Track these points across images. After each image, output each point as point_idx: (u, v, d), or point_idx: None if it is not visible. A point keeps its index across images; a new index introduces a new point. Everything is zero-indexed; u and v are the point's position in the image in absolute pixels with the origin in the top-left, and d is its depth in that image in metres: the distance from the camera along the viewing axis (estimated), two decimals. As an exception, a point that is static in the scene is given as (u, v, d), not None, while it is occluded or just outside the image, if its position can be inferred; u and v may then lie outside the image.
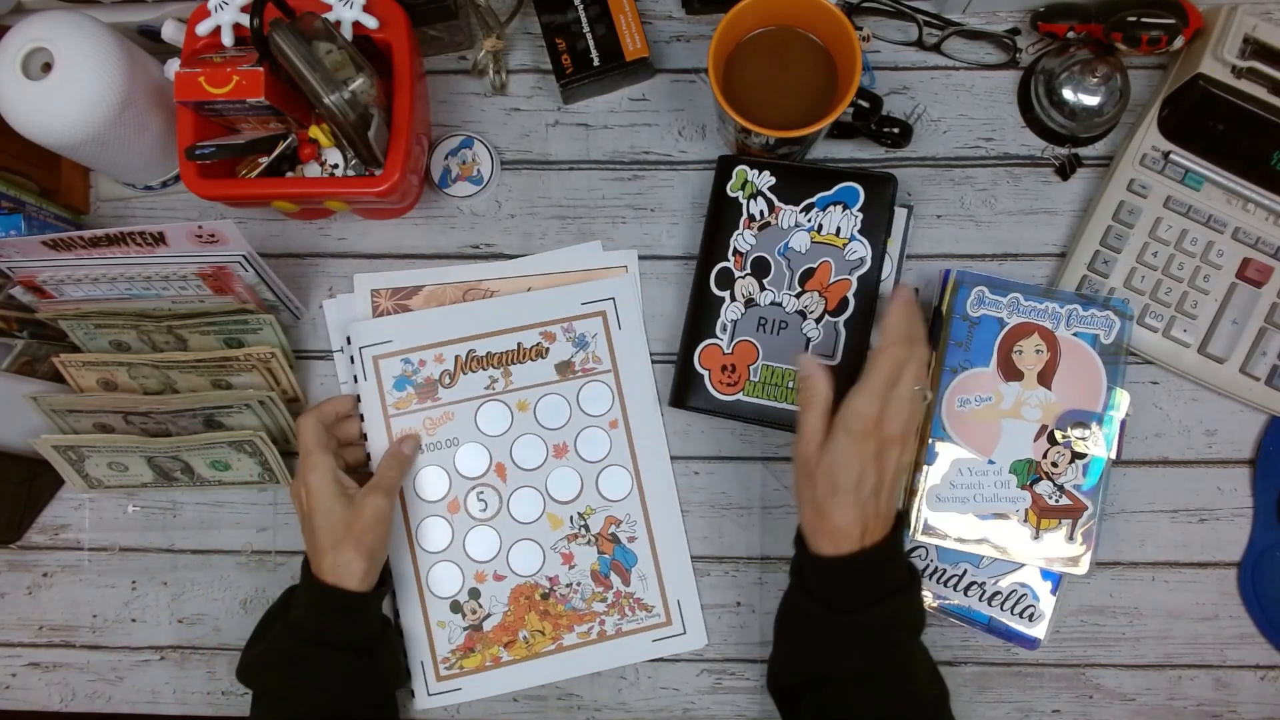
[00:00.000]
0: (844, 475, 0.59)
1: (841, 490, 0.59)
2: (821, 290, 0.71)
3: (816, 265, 0.72)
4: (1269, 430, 0.74)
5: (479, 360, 0.74)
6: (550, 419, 0.75)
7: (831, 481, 0.59)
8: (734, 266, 0.72)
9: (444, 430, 0.74)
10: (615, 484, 0.74)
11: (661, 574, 0.74)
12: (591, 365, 0.75)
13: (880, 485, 0.59)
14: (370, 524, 0.66)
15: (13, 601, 0.77)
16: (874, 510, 0.59)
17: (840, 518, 0.59)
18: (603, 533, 0.74)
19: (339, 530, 0.65)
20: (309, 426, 0.68)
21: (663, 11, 0.79)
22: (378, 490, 0.68)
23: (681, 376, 0.73)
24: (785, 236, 0.72)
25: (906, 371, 0.60)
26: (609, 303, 0.75)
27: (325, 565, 0.65)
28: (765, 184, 0.72)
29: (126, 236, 0.65)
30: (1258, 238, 0.72)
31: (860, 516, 0.59)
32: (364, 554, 0.65)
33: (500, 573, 0.74)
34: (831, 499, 0.59)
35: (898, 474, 0.60)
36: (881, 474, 0.59)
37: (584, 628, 0.73)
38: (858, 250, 0.71)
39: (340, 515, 0.65)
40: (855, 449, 0.59)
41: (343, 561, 0.65)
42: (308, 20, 0.64)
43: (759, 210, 0.72)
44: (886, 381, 0.60)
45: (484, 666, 0.73)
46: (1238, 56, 0.68)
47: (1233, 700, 0.73)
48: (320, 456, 0.67)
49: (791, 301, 0.72)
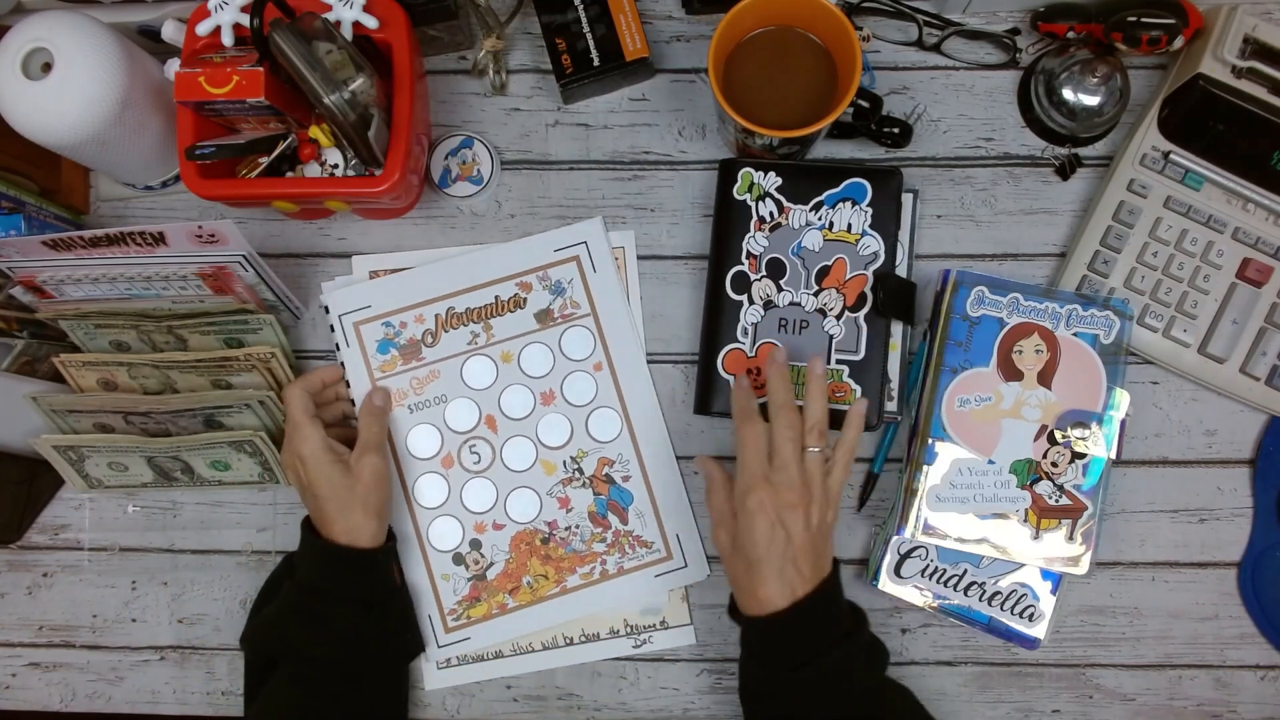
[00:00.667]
0: (752, 550, 0.60)
1: (755, 564, 0.60)
2: (839, 287, 0.72)
3: (831, 262, 0.72)
4: (1269, 430, 0.74)
5: (459, 316, 0.75)
6: (535, 367, 0.76)
7: (745, 558, 0.61)
8: (749, 269, 0.72)
9: (431, 388, 0.75)
10: (605, 426, 0.75)
11: (659, 510, 0.75)
12: (570, 310, 0.76)
13: (794, 551, 0.60)
14: (372, 485, 0.67)
15: (13, 601, 0.77)
16: (795, 573, 0.60)
17: (762, 589, 0.60)
18: (597, 474, 0.75)
19: (343, 496, 0.66)
20: (296, 397, 0.69)
21: (663, 11, 0.79)
22: (369, 450, 0.69)
23: (704, 383, 0.73)
24: (798, 236, 0.72)
25: (780, 440, 0.62)
26: (580, 247, 0.76)
27: (337, 530, 0.66)
28: (772, 185, 0.72)
29: (126, 236, 0.65)
30: (1258, 238, 0.72)
31: (781, 582, 0.60)
32: (372, 514, 0.67)
33: (499, 522, 0.75)
34: (749, 574, 0.61)
35: (815, 535, 0.61)
36: (788, 541, 0.60)
37: (586, 569, 0.74)
38: (871, 245, 0.72)
39: (341, 481, 0.67)
40: (752, 525, 0.60)
41: (354, 525, 0.66)
42: (308, 20, 0.64)
43: (768, 212, 0.72)
44: (755, 458, 0.62)
45: (490, 614, 0.74)
46: (1238, 56, 0.68)
47: (1233, 700, 0.73)
48: (310, 427, 0.68)
49: (810, 300, 0.72)
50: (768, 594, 0.60)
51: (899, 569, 0.72)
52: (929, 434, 0.71)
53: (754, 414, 0.64)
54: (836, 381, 0.71)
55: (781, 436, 0.62)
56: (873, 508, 0.75)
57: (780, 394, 0.64)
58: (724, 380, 0.72)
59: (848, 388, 0.71)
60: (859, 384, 0.71)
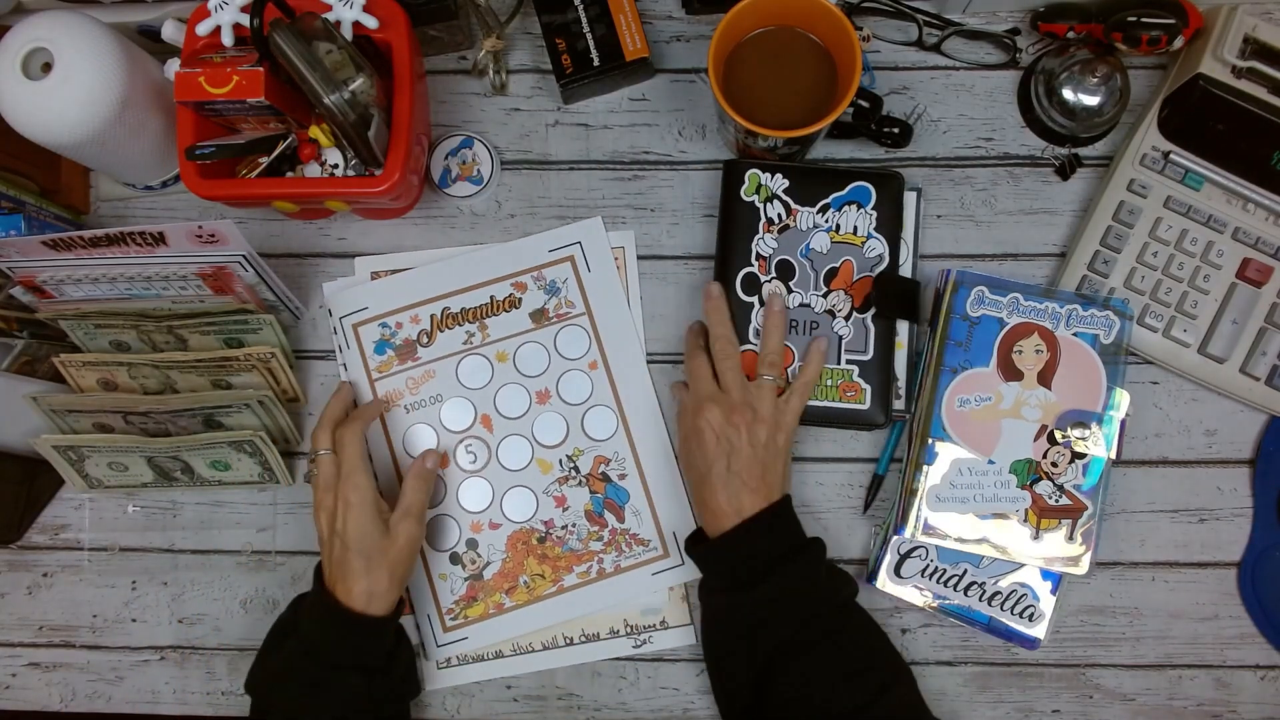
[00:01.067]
0: (702, 462, 0.66)
1: (704, 477, 0.65)
2: (847, 288, 0.72)
3: (839, 264, 0.72)
4: (1269, 430, 0.74)
5: (454, 317, 0.76)
6: (530, 366, 0.76)
7: (697, 472, 0.67)
8: (759, 271, 0.72)
9: (427, 388, 0.75)
10: (600, 424, 0.75)
11: (655, 508, 0.75)
12: (565, 310, 0.76)
13: (740, 464, 0.64)
14: (405, 551, 0.66)
15: (13, 601, 0.77)
16: (741, 485, 0.64)
17: (712, 500, 0.65)
18: (593, 473, 0.75)
19: (374, 555, 0.64)
20: (352, 441, 0.67)
21: (663, 11, 0.79)
22: (410, 516, 0.67)
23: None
24: (806, 238, 0.72)
25: (721, 367, 0.68)
26: (575, 247, 0.76)
27: (356, 590, 0.64)
28: (779, 187, 0.73)
29: (126, 236, 0.65)
30: (1258, 238, 0.72)
31: (728, 493, 0.64)
32: (397, 582, 0.65)
33: (495, 521, 0.75)
34: (700, 488, 0.66)
35: (764, 453, 0.65)
36: (733, 452, 0.64)
37: (583, 567, 0.74)
38: (876, 247, 0.72)
39: (376, 542, 0.65)
40: (701, 440, 0.66)
41: (377, 589, 0.64)
42: (308, 20, 0.64)
43: (777, 214, 0.72)
44: (704, 383, 0.68)
45: (488, 614, 0.74)
46: (1238, 56, 0.68)
47: (1233, 700, 0.73)
48: (364, 475, 0.66)
49: (819, 301, 0.72)
50: (717, 504, 0.64)
51: (899, 569, 0.72)
52: (929, 434, 0.71)
53: (701, 349, 0.70)
54: (847, 381, 0.71)
55: (722, 365, 0.68)
56: (874, 508, 0.75)
57: (717, 326, 0.69)
58: None
59: (858, 387, 0.71)
60: (869, 383, 0.71)
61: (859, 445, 0.75)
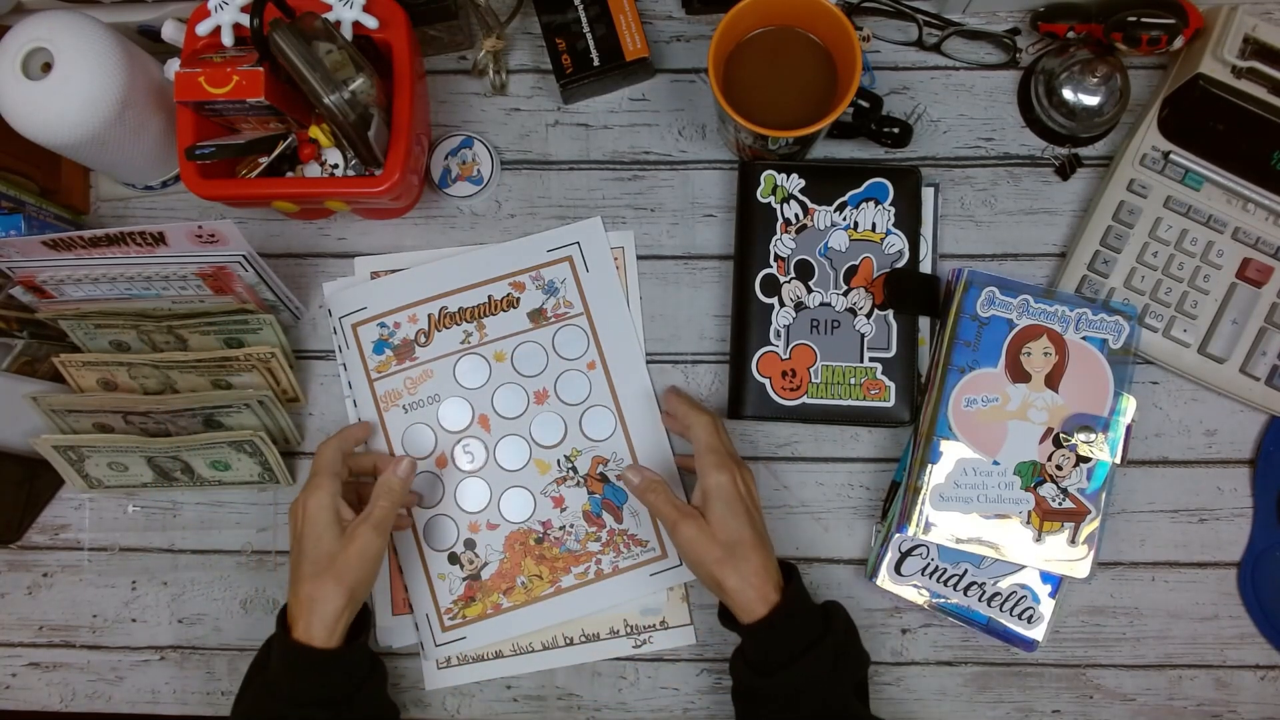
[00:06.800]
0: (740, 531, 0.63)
1: (739, 544, 0.63)
2: (867, 286, 0.72)
3: (859, 262, 0.72)
4: (1269, 430, 0.74)
5: (452, 316, 0.76)
6: (528, 366, 0.76)
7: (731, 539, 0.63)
8: (778, 272, 0.72)
9: (425, 388, 0.75)
10: (598, 424, 0.75)
11: None
12: (563, 310, 0.76)
13: (762, 529, 0.65)
14: (355, 558, 0.63)
15: (13, 601, 0.77)
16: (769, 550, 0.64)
17: (756, 559, 0.63)
18: (591, 473, 0.75)
19: (323, 561, 0.63)
20: (328, 451, 0.67)
21: (663, 11, 0.79)
22: (366, 523, 0.65)
23: (737, 387, 0.73)
24: (824, 237, 0.72)
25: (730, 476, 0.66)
26: (574, 247, 0.76)
27: (301, 595, 0.62)
28: (795, 187, 0.73)
29: (126, 236, 0.65)
30: (1258, 238, 0.72)
31: (764, 557, 0.63)
32: (344, 588, 0.62)
33: (493, 521, 0.75)
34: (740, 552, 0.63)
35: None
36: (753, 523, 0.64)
37: (581, 568, 0.74)
38: (895, 244, 0.72)
39: (328, 546, 0.63)
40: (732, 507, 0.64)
41: (320, 595, 0.62)
42: (308, 20, 0.64)
43: (794, 214, 0.73)
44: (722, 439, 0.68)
45: (486, 614, 0.74)
46: (1238, 56, 0.68)
47: (1233, 700, 0.73)
48: (326, 480, 0.65)
49: (840, 300, 0.72)
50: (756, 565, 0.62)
51: (899, 567, 0.72)
52: (934, 432, 0.71)
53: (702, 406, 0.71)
54: (871, 379, 0.72)
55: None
56: (874, 505, 0.75)
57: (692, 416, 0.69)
58: (758, 383, 0.72)
59: (882, 384, 0.71)
60: (892, 380, 0.71)
61: (859, 445, 0.75)
